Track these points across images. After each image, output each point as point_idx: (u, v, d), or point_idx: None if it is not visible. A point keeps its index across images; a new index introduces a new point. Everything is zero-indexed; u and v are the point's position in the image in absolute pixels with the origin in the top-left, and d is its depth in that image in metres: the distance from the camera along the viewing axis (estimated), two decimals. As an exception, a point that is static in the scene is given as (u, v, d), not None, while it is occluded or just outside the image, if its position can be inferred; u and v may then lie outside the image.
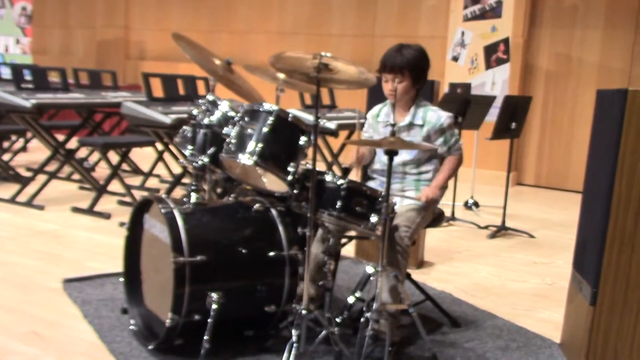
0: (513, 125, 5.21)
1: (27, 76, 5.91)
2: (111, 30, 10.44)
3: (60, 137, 5.61)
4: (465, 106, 5.28)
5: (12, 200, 5.24)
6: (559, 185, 7.59)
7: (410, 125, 3.02)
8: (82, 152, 6.45)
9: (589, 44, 7.28)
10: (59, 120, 7.35)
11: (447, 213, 5.26)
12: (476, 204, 6.07)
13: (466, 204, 6.07)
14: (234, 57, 3.25)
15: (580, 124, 7.35)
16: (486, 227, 5.32)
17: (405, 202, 2.95)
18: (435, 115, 3.02)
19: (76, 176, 6.10)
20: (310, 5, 8.94)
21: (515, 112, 5.23)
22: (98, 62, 10.26)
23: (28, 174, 5.87)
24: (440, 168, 3.05)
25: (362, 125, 3.18)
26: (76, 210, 5.09)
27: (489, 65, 7.32)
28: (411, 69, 2.94)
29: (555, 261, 4.55)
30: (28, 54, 9.93)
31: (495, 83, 7.27)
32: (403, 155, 3.00)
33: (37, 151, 7.48)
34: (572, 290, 2.97)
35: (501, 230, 5.20)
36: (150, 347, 2.64)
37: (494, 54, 7.27)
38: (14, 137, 7.34)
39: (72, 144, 5.51)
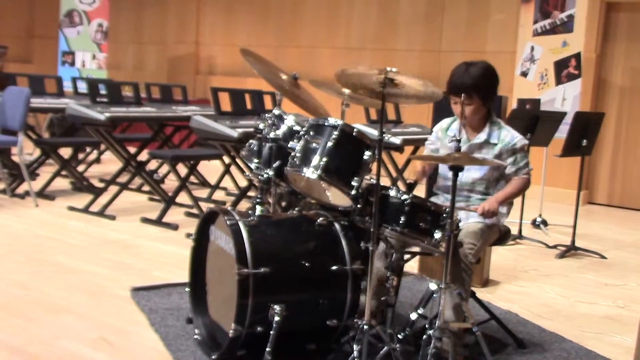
0: (584, 142, 5.07)
1: (102, 90, 6.14)
2: (182, 46, 10.73)
3: (132, 150, 5.78)
4: (534, 122, 5.18)
5: (86, 210, 5.42)
6: (633, 204, 7.31)
7: (484, 144, 2.98)
8: (152, 165, 6.63)
9: (666, 59, 7.03)
10: (131, 133, 7.58)
11: (514, 231, 5.14)
12: (545, 223, 5.91)
13: (534, 222, 5.92)
14: (300, 72, 3.29)
15: (656, 142, 7.09)
16: (555, 247, 5.18)
17: (470, 219, 2.91)
18: (509, 135, 2.98)
19: (146, 188, 6.26)
20: (377, 20, 8.95)
21: (586, 128, 5.09)
22: (169, 77, 10.55)
23: (101, 185, 6.06)
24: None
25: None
26: (145, 220, 5.23)
27: (559, 81, 7.14)
28: (479, 89, 2.90)
29: (627, 283, 4.38)
30: (103, 69, 10.30)
31: (566, 99, 7.08)
32: (472, 173, 2.96)
33: (110, 163, 7.72)
34: (646, 314, 2.85)
35: (570, 250, 5.04)
36: (213, 357, 2.68)
37: (564, 70, 7.09)
38: (88, 149, 7.63)
39: (143, 156, 5.67)
